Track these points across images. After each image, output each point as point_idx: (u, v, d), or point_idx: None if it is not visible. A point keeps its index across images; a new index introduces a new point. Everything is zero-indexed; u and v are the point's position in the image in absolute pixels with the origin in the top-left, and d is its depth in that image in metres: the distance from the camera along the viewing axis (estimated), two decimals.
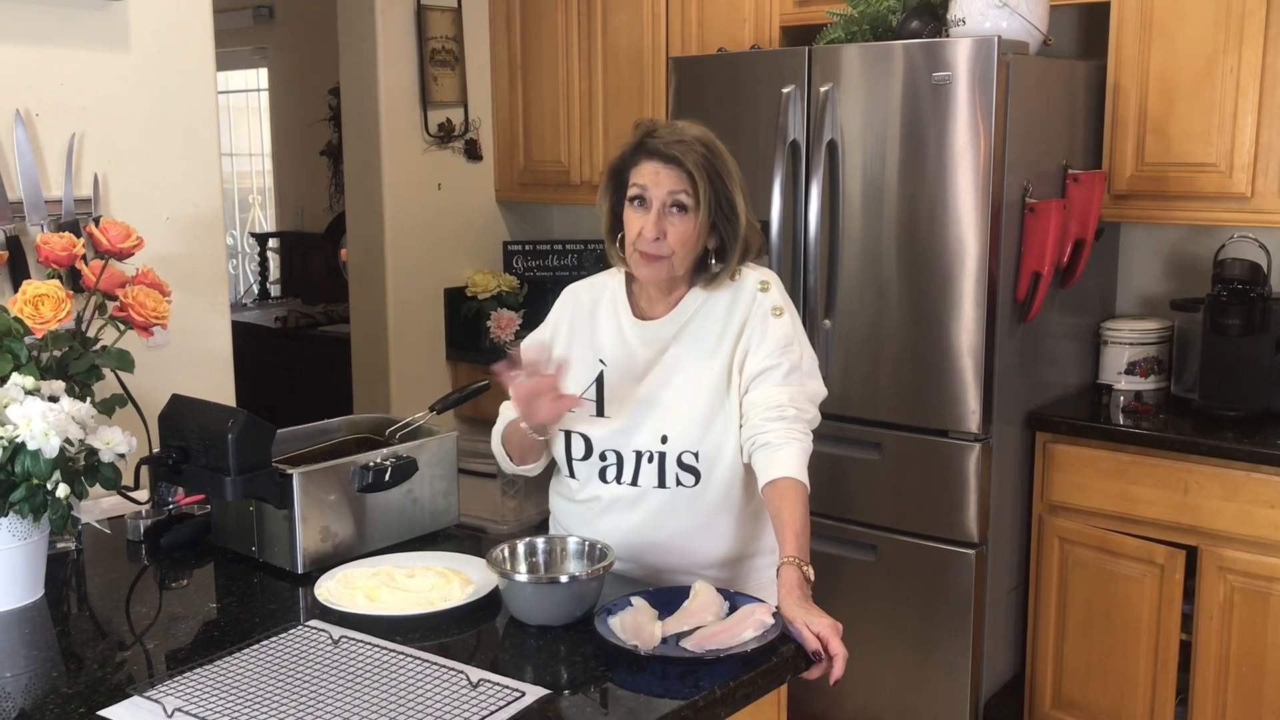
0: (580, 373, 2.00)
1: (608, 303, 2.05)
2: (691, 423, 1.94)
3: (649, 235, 1.89)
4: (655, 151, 1.89)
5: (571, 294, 2.09)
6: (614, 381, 1.99)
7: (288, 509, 1.90)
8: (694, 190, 1.88)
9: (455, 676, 1.54)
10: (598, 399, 2.00)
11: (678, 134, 1.91)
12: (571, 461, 2.01)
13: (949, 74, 2.79)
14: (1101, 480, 2.90)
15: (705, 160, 1.89)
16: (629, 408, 1.97)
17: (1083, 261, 3.02)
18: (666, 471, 1.94)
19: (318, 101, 5.66)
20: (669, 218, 1.89)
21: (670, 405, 1.95)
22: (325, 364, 4.93)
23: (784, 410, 1.89)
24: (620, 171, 1.96)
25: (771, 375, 1.92)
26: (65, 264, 1.99)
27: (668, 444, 1.94)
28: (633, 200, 1.91)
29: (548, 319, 2.11)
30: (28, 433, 1.65)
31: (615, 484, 1.98)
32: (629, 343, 2.00)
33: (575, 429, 2.00)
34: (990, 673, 3.04)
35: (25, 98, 2.20)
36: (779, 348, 1.93)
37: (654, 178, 1.89)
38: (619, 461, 1.98)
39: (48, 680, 1.61)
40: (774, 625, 1.67)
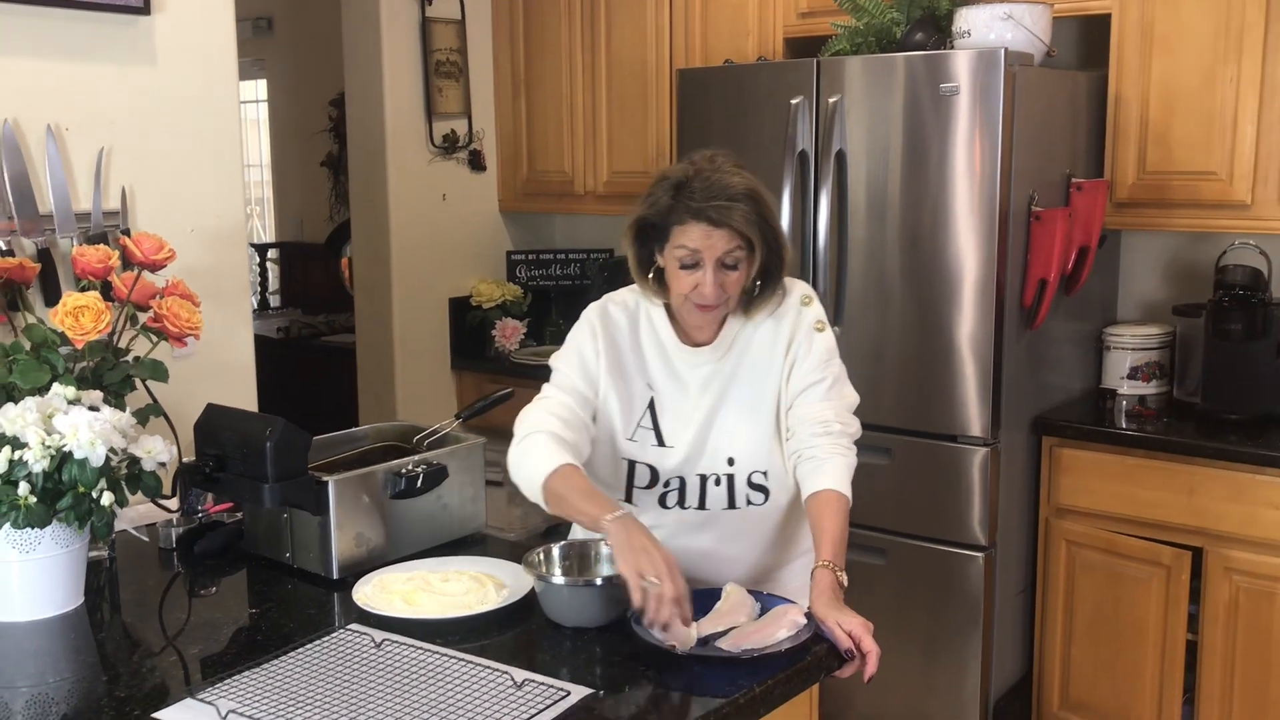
0: (633, 400, 1.97)
1: (646, 327, 2.00)
2: (757, 442, 1.95)
3: (708, 296, 1.85)
4: (701, 214, 1.82)
5: (602, 313, 2.01)
6: (667, 409, 1.97)
7: (323, 515, 1.93)
8: (747, 244, 1.84)
9: (499, 677, 1.58)
10: (654, 427, 1.97)
11: (719, 190, 1.82)
12: (633, 489, 1.99)
13: (956, 85, 2.85)
14: (1108, 483, 2.95)
15: (754, 214, 1.83)
16: (689, 435, 1.96)
17: (1087, 268, 3.07)
18: (736, 493, 1.95)
19: (317, 112, 5.69)
20: (724, 274, 1.85)
21: (732, 427, 1.95)
22: (329, 374, 4.95)
23: (829, 426, 1.92)
24: (655, 226, 1.88)
25: (816, 390, 1.94)
26: (101, 276, 2.02)
27: (735, 465, 1.95)
28: (684, 264, 1.85)
29: (580, 338, 2.00)
30: (75, 442, 1.68)
31: (679, 509, 1.97)
32: (677, 369, 1.97)
33: (640, 459, 1.97)
34: (999, 674, 3.09)
35: (56, 112, 2.23)
36: (822, 362, 1.96)
37: (705, 240, 1.82)
38: (682, 487, 1.97)
39: (99, 684, 1.64)
40: (806, 625, 1.72)
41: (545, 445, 1.84)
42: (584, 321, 2.01)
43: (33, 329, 1.98)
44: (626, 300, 2.02)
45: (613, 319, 2.00)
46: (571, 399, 1.94)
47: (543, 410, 1.92)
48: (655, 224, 1.88)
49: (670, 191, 1.85)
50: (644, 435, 1.97)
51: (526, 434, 1.88)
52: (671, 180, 1.86)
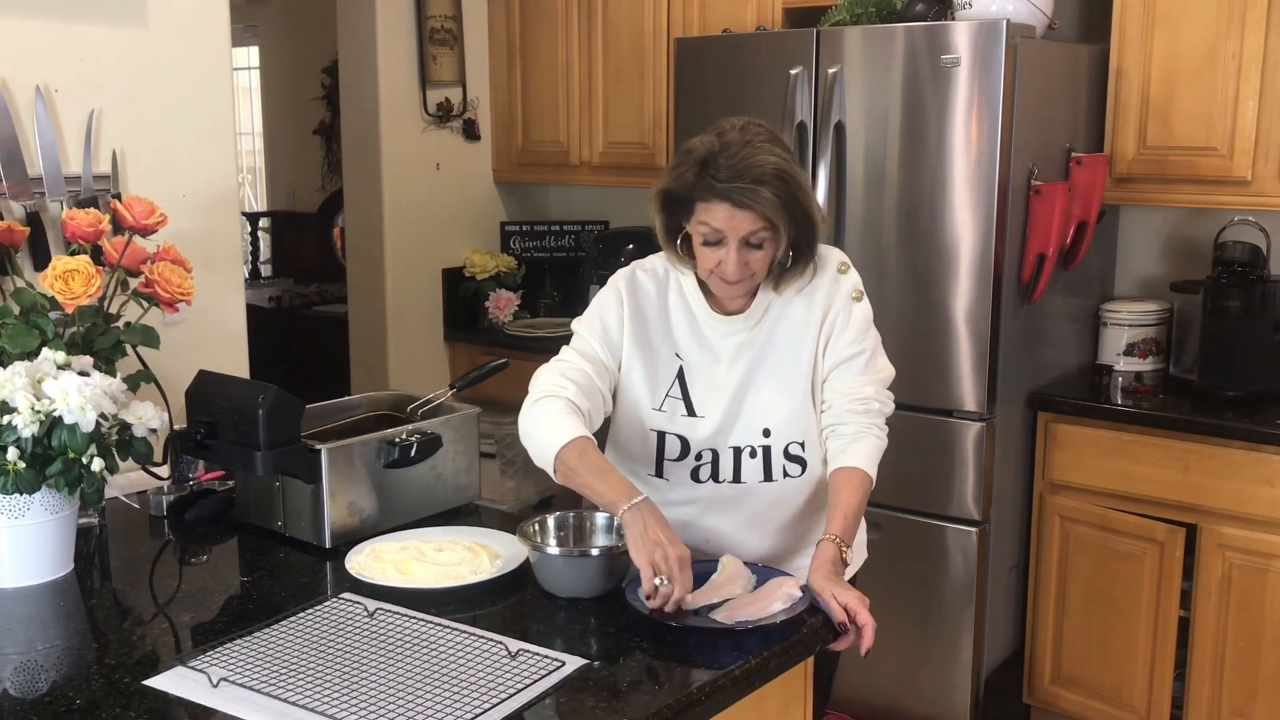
0: (660, 370, 1.93)
1: (676, 294, 1.94)
2: (794, 415, 1.90)
3: (731, 274, 1.81)
4: (726, 195, 1.75)
5: (631, 280, 1.95)
6: (697, 379, 1.92)
7: (316, 484, 1.91)
8: (772, 226, 1.78)
9: (494, 647, 1.57)
10: (684, 397, 1.93)
11: (745, 171, 1.74)
12: (664, 462, 1.94)
13: (957, 56, 2.82)
14: (1102, 459, 2.95)
15: (781, 196, 1.76)
16: (721, 405, 1.91)
17: (1085, 243, 3.06)
18: (773, 465, 1.91)
19: (310, 80, 5.64)
20: (748, 253, 1.80)
21: (766, 398, 1.90)
22: (321, 344, 4.93)
23: (869, 404, 1.90)
24: (680, 200, 1.83)
25: (855, 363, 1.91)
26: (91, 240, 1.99)
27: (771, 437, 1.91)
28: (707, 241, 1.81)
29: (605, 304, 1.95)
30: (65, 406, 1.66)
31: (713, 483, 1.93)
32: (707, 338, 1.93)
33: (670, 430, 1.92)
34: (991, 649, 3.09)
35: (45, 73, 2.19)
36: (860, 334, 1.92)
37: (729, 221, 1.77)
38: (714, 459, 1.92)
39: (89, 651, 1.63)
40: (802, 598, 1.71)
41: (559, 414, 1.78)
42: (610, 287, 1.96)
43: (22, 293, 1.96)
44: (656, 267, 1.96)
45: (641, 286, 1.95)
46: (590, 365, 1.89)
47: (559, 374, 1.87)
48: (680, 197, 1.82)
49: (695, 167, 1.78)
50: (673, 405, 1.92)
51: (540, 397, 1.83)
52: (697, 155, 1.79)
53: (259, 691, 1.44)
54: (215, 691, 1.45)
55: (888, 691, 3.16)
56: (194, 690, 1.46)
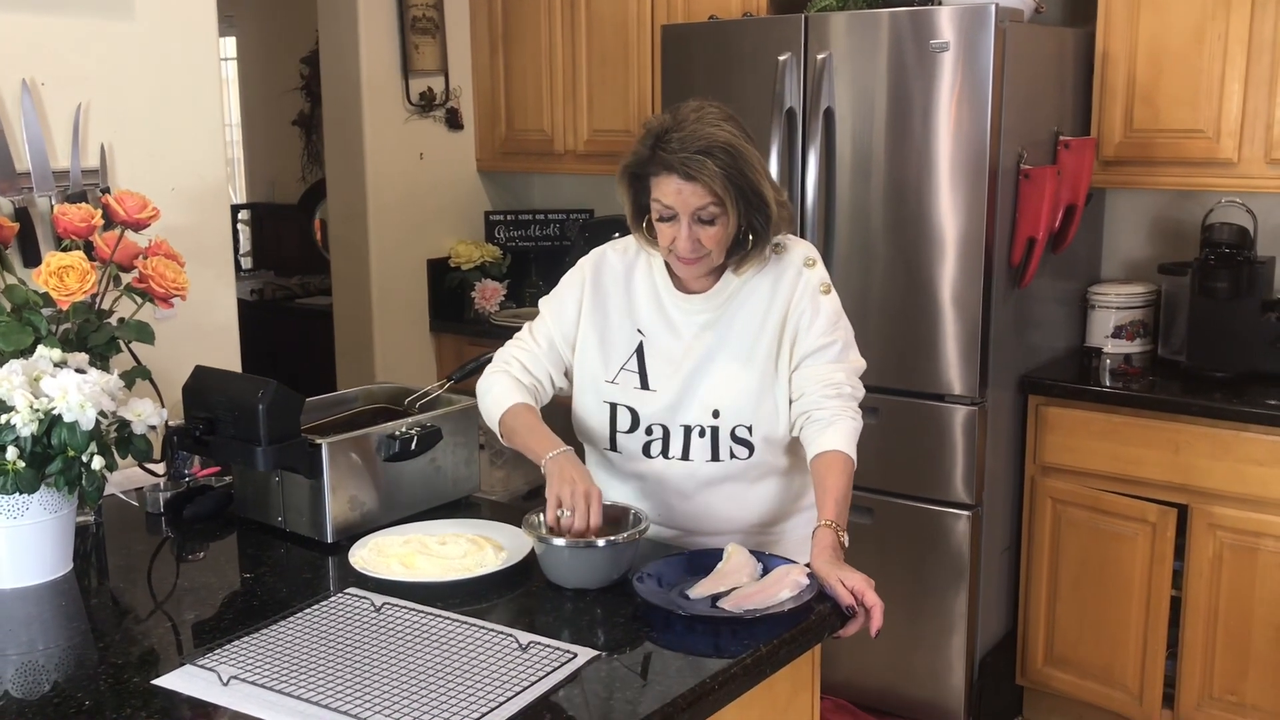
0: (617, 344, 1.99)
1: (643, 272, 2.00)
2: (745, 398, 1.93)
3: (683, 249, 1.86)
4: (673, 167, 1.81)
5: (600, 257, 2.03)
6: (656, 354, 1.97)
7: (317, 479, 1.90)
8: (720, 201, 1.82)
9: (504, 640, 1.56)
10: (640, 371, 1.97)
11: (693, 141, 1.80)
12: (616, 434, 1.99)
13: (945, 41, 2.82)
14: (1093, 441, 2.97)
15: (727, 169, 1.80)
16: (676, 382, 1.95)
17: (1074, 227, 3.07)
18: (720, 445, 1.94)
19: (289, 70, 5.59)
20: (700, 228, 1.84)
21: (720, 379, 1.94)
22: (305, 337, 4.90)
23: (840, 388, 1.92)
24: (637, 175, 1.89)
25: (826, 353, 1.94)
26: (84, 235, 1.97)
27: (720, 418, 1.93)
28: (662, 217, 1.86)
29: (567, 285, 2.04)
30: (65, 405, 1.64)
31: (662, 458, 1.97)
32: (669, 316, 1.97)
33: (621, 401, 1.97)
34: (984, 631, 3.11)
35: (31, 67, 2.16)
36: (830, 325, 1.95)
37: (677, 197, 1.82)
38: (665, 436, 1.96)
39: (92, 651, 1.61)
40: (809, 585, 1.71)
41: (505, 384, 1.97)
42: (577, 268, 2.06)
43: (14, 290, 1.93)
44: (629, 246, 2.04)
45: (608, 263, 2.03)
46: (539, 348, 2.03)
47: (510, 351, 2.04)
48: (637, 174, 1.89)
49: (650, 141, 1.85)
50: (627, 378, 1.98)
51: (492, 370, 2.02)
52: (653, 130, 1.85)
53: (271, 689, 1.44)
54: (226, 690, 1.44)
55: (882, 675, 3.18)
56: (204, 689, 1.45)
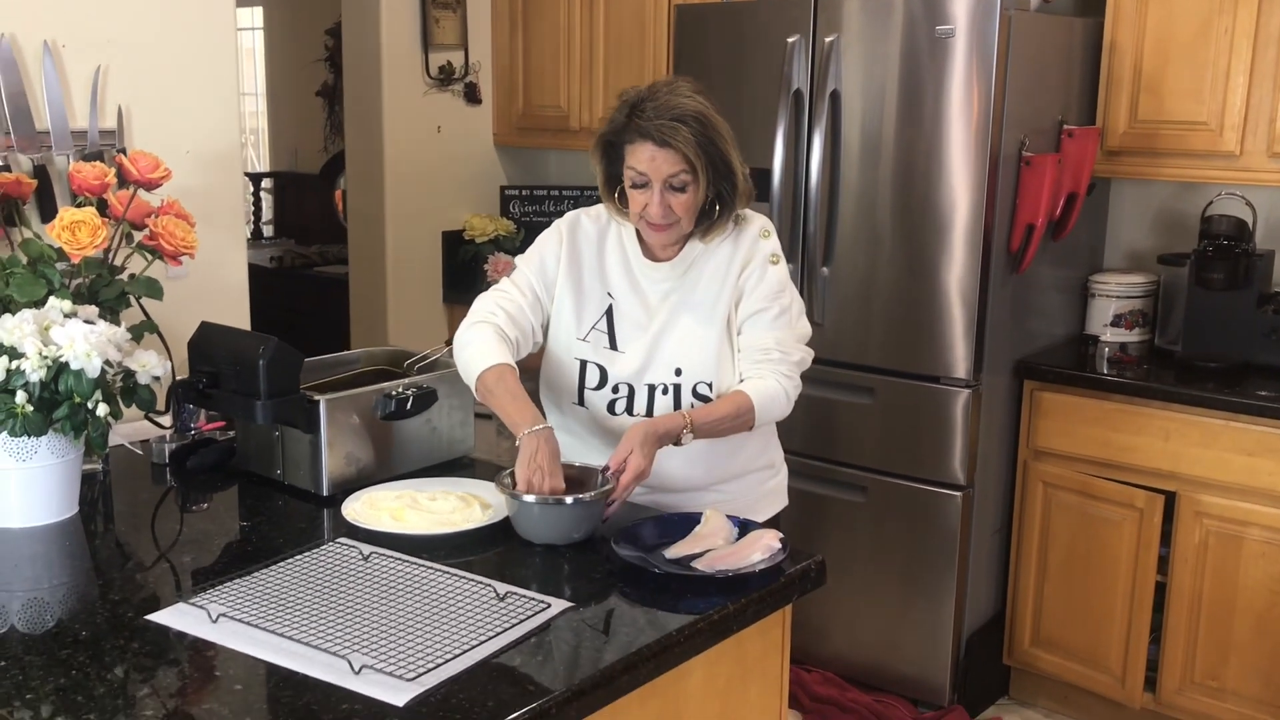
0: (588, 304, 2.09)
1: (615, 239, 2.11)
2: (705, 356, 2.04)
3: (655, 215, 1.96)
4: (648, 134, 1.91)
5: (575, 221, 2.12)
6: (624, 318, 2.08)
7: (314, 434, 1.97)
8: (691, 168, 1.92)
9: (483, 589, 1.63)
10: (609, 332, 2.08)
11: (667, 110, 1.90)
12: (584, 390, 2.09)
13: (952, 27, 2.86)
14: (1086, 427, 3.01)
15: (699, 136, 1.91)
16: (643, 345, 2.06)
17: (1075, 215, 3.10)
18: (682, 402, 2.04)
19: (314, 41, 5.66)
20: (671, 195, 1.95)
21: (682, 340, 2.05)
22: (321, 305, 4.98)
23: (769, 353, 2.04)
24: (612, 144, 1.99)
25: (762, 318, 2.04)
26: (98, 193, 2.04)
27: (682, 376, 2.04)
28: (634, 184, 1.96)
29: (546, 242, 2.12)
30: (71, 353, 1.72)
31: (626, 415, 2.07)
32: (638, 281, 2.08)
33: (591, 359, 2.08)
34: (972, 611, 3.16)
35: (53, 29, 2.23)
36: (773, 293, 2.05)
37: (651, 163, 1.92)
38: (630, 394, 2.07)
39: (93, 589, 1.69)
40: (780, 550, 1.77)
41: (487, 339, 1.98)
42: (553, 228, 2.14)
43: (29, 244, 2.01)
44: (601, 213, 2.13)
45: (582, 227, 2.12)
46: (524, 299, 2.08)
47: (494, 302, 2.07)
48: (612, 142, 1.98)
49: (625, 110, 1.95)
50: (597, 337, 2.08)
51: (474, 322, 2.04)
52: (628, 100, 1.96)
53: (257, 627, 1.51)
54: (215, 626, 1.51)
55: (870, 651, 3.23)
56: (194, 625, 1.52)
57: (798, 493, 2.38)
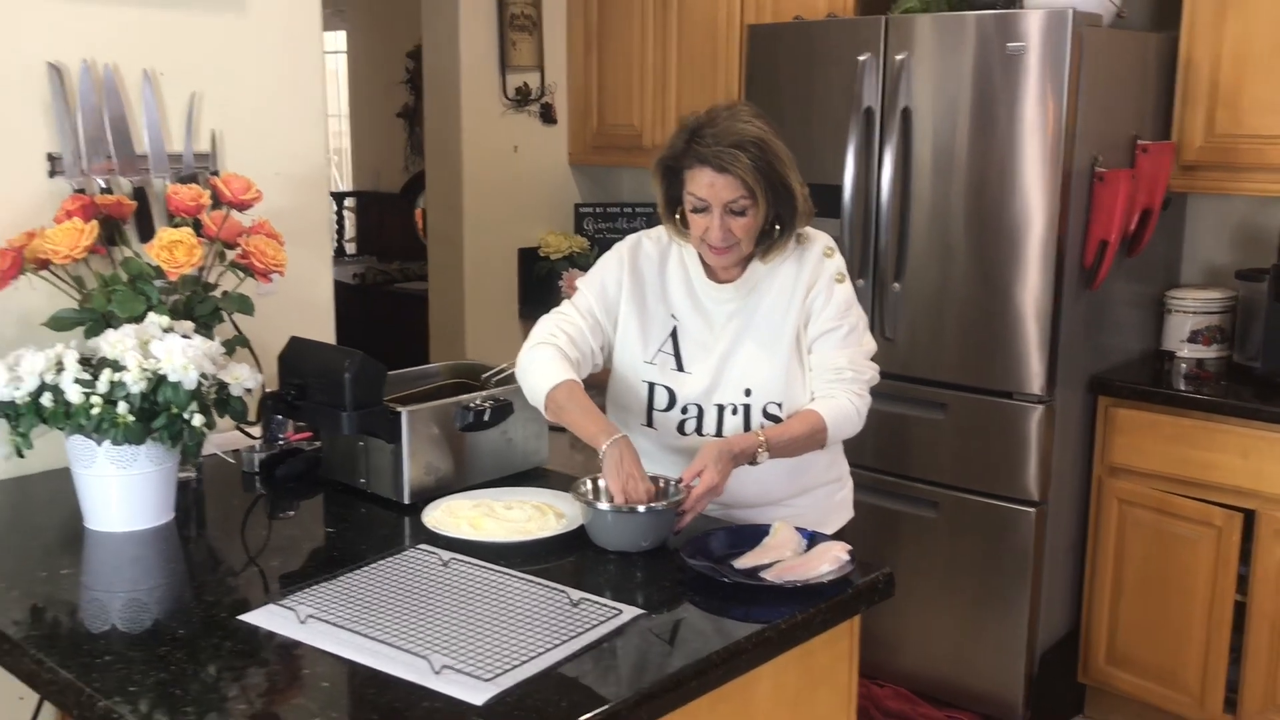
0: (653, 326, 2.12)
1: (676, 261, 2.14)
2: (774, 376, 2.06)
3: (715, 239, 1.99)
4: (707, 160, 1.93)
5: (636, 244, 2.16)
6: (689, 338, 2.11)
7: (396, 444, 2.04)
8: (751, 193, 1.95)
9: (557, 596, 1.68)
10: (675, 353, 2.12)
11: (726, 136, 1.93)
12: (653, 411, 2.13)
13: (1024, 44, 2.86)
14: (1162, 444, 2.98)
15: (758, 161, 1.93)
16: (709, 365, 2.09)
17: (1149, 231, 3.08)
18: (752, 422, 2.07)
19: (395, 64, 5.81)
20: (731, 219, 1.98)
21: (750, 361, 2.08)
22: (401, 320, 5.10)
23: (842, 373, 2.06)
24: (672, 168, 2.03)
25: (832, 337, 2.07)
26: (193, 213, 2.14)
27: (752, 396, 2.07)
28: (695, 209, 1.99)
29: (607, 266, 2.16)
30: (170, 366, 1.81)
31: (696, 435, 2.10)
32: (702, 302, 2.11)
33: (659, 382, 2.12)
34: (1046, 628, 3.14)
35: (151, 58, 2.35)
36: (841, 311, 2.08)
37: (710, 190, 1.95)
38: (699, 414, 2.10)
39: (188, 590, 1.78)
40: (848, 561, 1.79)
41: (551, 359, 2.04)
42: (614, 251, 2.17)
43: (130, 262, 2.12)
44: (662, 235, 2.16)
45: (644, 250, 2.15)
46: (584, 322, 2.12)
47: (555, 324, 2.13)
48: (671, 166, 2.02)
49: (685, 137, 1.98)
50: (664, 359, 2.11)
51: (537, 343, 2.10)
52: (688, 126, 1.99)
53: (342, 627, 1.58)
54: (303, 627, 1.58)
55: (942, 666, 3.23)
56: (284, 625, 1.59)
57: (869, 508, 2.40)
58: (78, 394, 1.81)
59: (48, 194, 2.24)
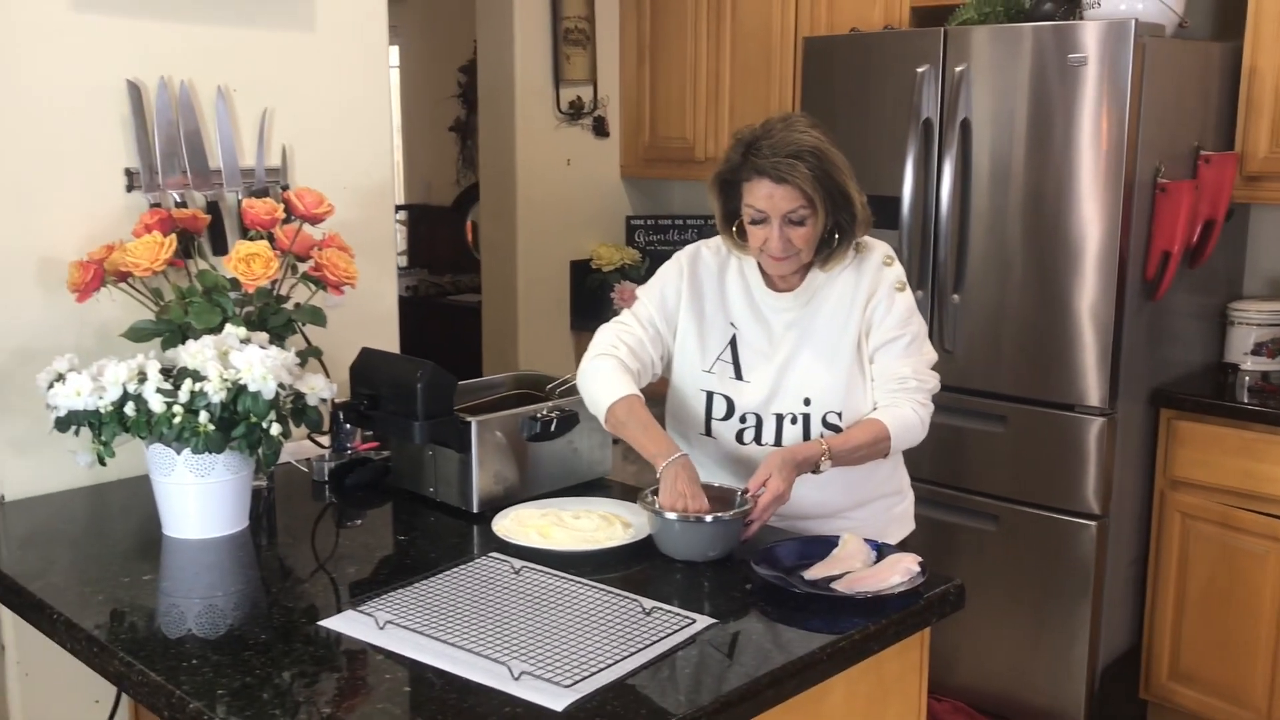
0: (712, 334, 2.13)
1: (735, 269, 2.15)
2: (834, 386, 2.07)
3: (775, 249, 2.00)
4: (764, 171, 1.94)
5: (695, 253, 2.17)
6: (748, 347, 2.12)
7: (466, 453, 2.07)
8: (810, 202, 1.96)
9: (630, 604, 1.70)
10: (734, 362, 2.12)
11: (783, 146, 1.93)
12: (711, 421, 2.14)
13: (1084, 55, 2.85)
14: (1226, 458, 2.95)
15: (816, 171, 1.93)
16: (768, 374, 2.09)
17: (1212, 242, 3.06)
18: (811, 432, 2.07)
19: (447, 79, 5.87)
20: (790, 229, 1.98)
21: (809, 370, 2.08)
22: (453, 332, 5.15)
23: (906, 382, 2.06)
24: (729, 182, 2.03)
25: (894, 347, 2.07)
26: (268, 227, 2.19)
27: (811, 406, 2.07)
28: (754, 220, 2.00)
29: (666, 275, 2.18)
30: (250, 376, 1.85)
31: (755, 445, 2.11)
32: (761, 311, 2.12)
33: (718, 390, 2.12)
34: (1107, 643, 3.11)
35: (225, 75, 2.40)
36: (902, 320, 2.08)
37: (769, 201, 1.96)
38: (758, 424, 2.10)
39: (268, 595, 1.81)
40: (919, 573, 1.79)
41: (612, 371, 2.05)
42: (674, 261, 2.18)
43: (205, 274, 2.16)
44: (721, 245, 2.16)
45: (703, 259, 2.16)
46: (645, 332, 2.14)
47: (615, 335, 2.14)
48: (729, 180, 2.02)
49: (741, 150, 1.99)
50: (722, 368, 2.12)
51: (597, 354, 2.11)
52: (744, 139, 1.99)
53: (420, 633, 1.60)
54: (382, 632, 1.61)
55: (1001, 681, 3.21)
56: (363, 630, 1.62)
57: (928, 521, 2.40)
58: (160, 403, 1.85)
59: (124, 208, 2.30)
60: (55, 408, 1.91)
